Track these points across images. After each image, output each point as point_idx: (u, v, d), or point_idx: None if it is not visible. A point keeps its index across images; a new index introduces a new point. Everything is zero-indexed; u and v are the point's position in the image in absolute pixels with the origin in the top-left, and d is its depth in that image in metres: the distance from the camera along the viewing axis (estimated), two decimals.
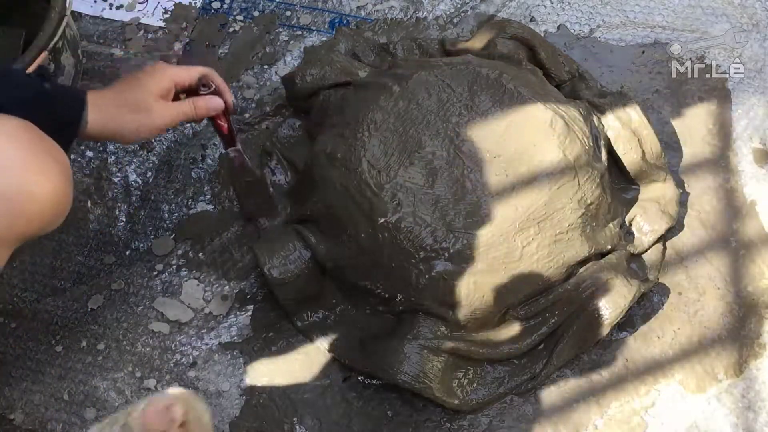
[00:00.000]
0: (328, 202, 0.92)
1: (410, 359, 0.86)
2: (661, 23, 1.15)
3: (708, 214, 1.02)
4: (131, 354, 0.96)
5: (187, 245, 1.02)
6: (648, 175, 0.99)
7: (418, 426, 0.91)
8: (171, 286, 0.99)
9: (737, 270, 0.98)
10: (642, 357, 0.93)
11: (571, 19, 1.17)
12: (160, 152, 1.08)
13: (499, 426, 0.90)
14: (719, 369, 0.93)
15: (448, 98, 0.95)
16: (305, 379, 0.93)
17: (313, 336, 0.95)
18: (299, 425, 0.91)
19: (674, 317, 0.96)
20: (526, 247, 0.88)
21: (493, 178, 0.90)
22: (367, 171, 0.89)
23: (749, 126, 1.07)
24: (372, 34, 1.16)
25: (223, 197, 1.04)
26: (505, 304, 0.90)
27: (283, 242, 0.92)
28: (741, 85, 1.10)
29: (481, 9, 1.18)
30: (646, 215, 0.97)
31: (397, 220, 0.87)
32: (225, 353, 0.95)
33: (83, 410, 0.93)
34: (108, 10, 1.19)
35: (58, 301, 0.98)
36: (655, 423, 0.90)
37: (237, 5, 1.20)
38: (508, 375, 0.92)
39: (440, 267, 0.86)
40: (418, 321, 0.89)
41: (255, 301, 0.98)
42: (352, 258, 0.90)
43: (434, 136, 0.92)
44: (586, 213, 0.91)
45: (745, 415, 0.91)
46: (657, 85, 1.11)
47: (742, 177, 1.04)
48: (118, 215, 1.04)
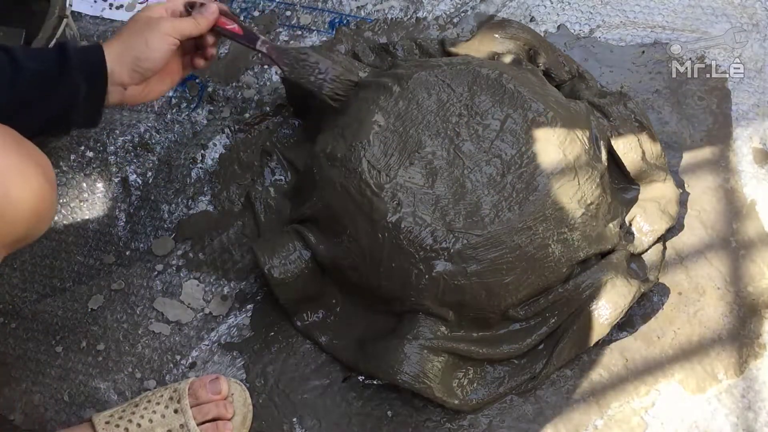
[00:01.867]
0: (328, 202, 0.92)
1: (410, 359, 0.86)
2: (661, 23, 1.15)
3: (708, 214, 1.02)
4: (131, 355, 0.96)
5: (187, 245, 1.02)
6: (648, 175, 0.99)
7: (418, 426, 0.91)
8: (171, 287, 0.99)
9: (737, 270, 0.98)
10: (642, 357, 0.94)
11: (571, 19, 1.17)
12: (160, 152, 1.08)
13: (499, 426, 0.90)
14: (719, 369, 0.93)
15: (448, 98, 0.95)
16: (305, 379, 0.93)
17: (313, 336, 0.95)
18: (299, 425, 0.91)
19: (674, 317, 0.96)
20: (526, 247, 0.88)
21: (493, 179, 0.90)
22: (367, 171, 0.89)
23: (749, 126, 1.07)
24: (372, 34, 1.16)
25: (223, 197, 1.05)
26: (505, 304, 0.90)
27: (283, 242, 0.92)
28: (741, 85, 1.10)
29: (481, 9, 1.18)
30: (646, 215, 0.97)
31: (397, 220, 0.87)
32: (225, 353, 0.95)
33: (83, 411, 0.93)
34: (108, 10, 1.19)
35: (58, 301, 0.98)
36: (655, 423, 0.90)
37: (237, 5, 1.20)
38: (508, 375, 0.92)
39: (440, 267, 0.87)
40: (418, 321, 0.89)
41: (255, 301, 0.98)
42: (352, 258, 0.90)
43: (434, 136, 0.93)
44: (586, 213, 0.91)
45: (745, 415, 0.91)
46: (657, 85, 1.11)
47: (742, 177, 1.04)
48: (118, 215, 1.04)
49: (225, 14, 0.88)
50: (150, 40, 0.80)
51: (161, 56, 0.81)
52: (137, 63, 0.80)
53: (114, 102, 0.81)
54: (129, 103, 0.83)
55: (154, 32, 0.80)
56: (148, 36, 0.80)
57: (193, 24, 0.84)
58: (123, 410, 0.85)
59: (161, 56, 0.81)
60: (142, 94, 0.84)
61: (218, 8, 0.87)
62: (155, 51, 0.80)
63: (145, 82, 0.83)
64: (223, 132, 1.09)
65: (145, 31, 0.80)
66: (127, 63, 0.79)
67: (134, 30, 0.81)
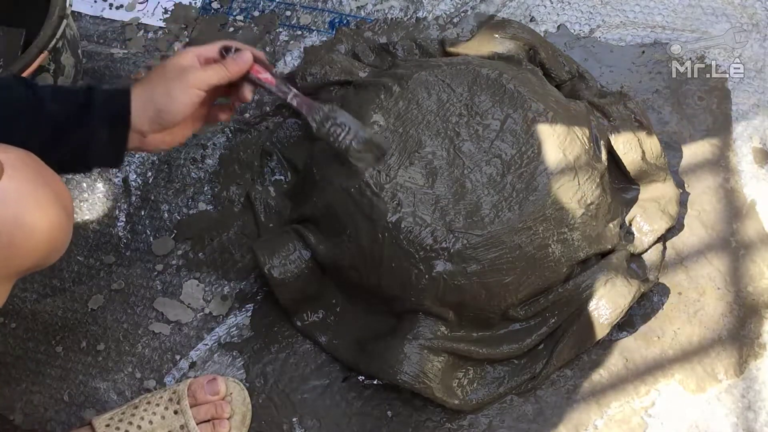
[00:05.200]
0: (328, 202, 0.92)
1: (410, 359, 0.86)
2: (661, 23, 1.15)
3: (708, 214, 1.02)
4: (131, 355, 0.96)
5: (187, 245, 1.02)
6: (648, 175, 0.99)
7: (418, 426, 0.91)
8: (171, 287, 0.99)
9: (737, 270, 0.98)
10: (642, 357, 0.94)
11: (571, 19, 1.17)
12: (160, 152, 1.08)
13: (499, 426, 0.90)
14: (719, 369, 0.93)
15: (448, 98, 0.95)
16: (305, 379, 0.93)
17: (313, 336, 0.95)
18: (299, 425, 0.91)
19: (674, 317, 0.96)
20: (526, 247, 0.88)
21: (493, 179, 0.90)
22: (367, 171, 0.89)
23: (749, 126, 1.07)
24: (372, 34, 1.16)
25: (223, 197, 1.05)
26: (505, 304, 0.90)
27: (283, 242, 0.92)
28: (741, 85, 1.10)
29: (481, 9, 1.18)
30: (646, 215, 0.97)
31: (397, 220, 0.87)
32: (225, 353, 0.95)
33: (83, 411, 0.93)
34: (108, 10, 1.19)
35: (58, 301, 0.98)
36: (655, 423, 0.90)
37: (237, 5, 1.20)
38: (508, 375, 0.92)
39: (440, 267, 0.87)
40: (418, 321, 0.89)
41: (255, 301, 0.98)
42: (352, 258, 0.90)
43: (434, 136, 0.93)
44: (586, 213, 0.91)
45: (745, 415, 0.91)
46: (657, 85, 1.11)
47: (742, 177, 1.04)
48: (118, 215, 1.04)
49: (260, 62, 0.84)
50: (174, 91, 0.77)
51: (184, 109, 0.77)
52: (159, 115, 0.77)
53: (132, 147, 0.78)
54: (148, 150, 0.81)
55: (179, 83, 0.77)
56: (173, 87, 0.77)
57: (223, 72, 0.79)
58: (123, 412, 0.85)
59: (184, 109, 0.77)
60: (164, 141, 0.81)
61: (253, 55, 0.82)
62: (179, 104, 0.77)
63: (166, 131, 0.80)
64: (223, 132, 1.09)
65: (170, 82, 0.77)
66: (149, 114, 0.76)
67: (161, 78, 0.78)
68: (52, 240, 0.65)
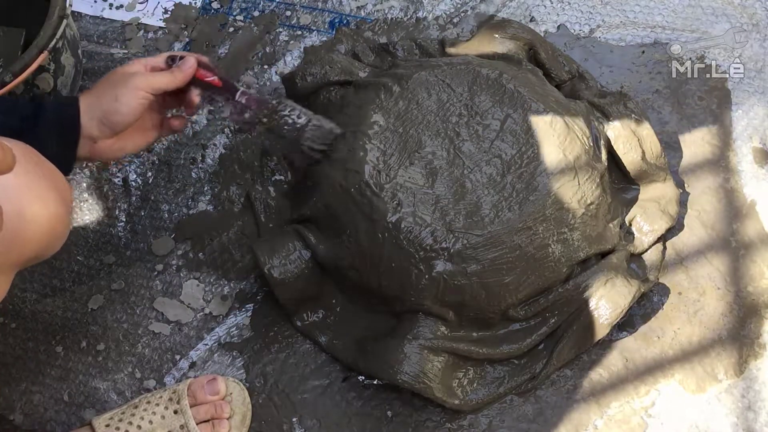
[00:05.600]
0: (328, 202, 0.92)
1: (410, 359, 0.86)
2: (661, 23, 1.15)
3: (708, 214, 1.02)
4: (131, 355, 0.96)
5: (187, 245, 1.02)
6: (648, 175, 0.99)
7: (418, 426, 0.91)
8: (171, 287, 0.99)
9: (737, 270, 0.98)
10: (642, 357, 0.94)
11: (571, 19, 1.17)
12: (160, 152, 1.08)
13: (499, 426, 0.90)
14: (719, 369, 0.93)
15: (448, 98, 0.95)
16: (305, 379, 0.93)
17: (313, 336, 0.95)
18: (299, 425, 0.91)
19: (674, 317, 0.96)
20: (526, 247, 0.88)
21: (493, 179, 0.90)
22: (367, 171, 0.89)
23: (749, 126, 1.07)
24: (372, 34, 1.16)
25: (223, 197, 1.05)
26: (505, 304, 0.90)
27: (283, 242, 0.92)
28: (741, 85, 1.10)
29: (481, 9, 1.18)
30: (646, 215, 0.97)
31: (397, 220, 0.87)
32: (225, 353, 0.95)
33: (83, 411, 0.93)
34: (108, 10, 1.19)
35: (58, 301, 0.98)
36: (655, 423, 0.90)
37: (237, 5, 1.20)
38: (508, 375, 0.92)
39: (440, 267, 0.87)
40: (418, 321, 0.89)
41: (255, 301, 0.98)
42: (352, 258, 0.90)
43: (434, 136, 0.93)
44: (586, 213, 0.91)
45: (745, 415, 0.91)
46: (657, 85, 1.11)
47: (742, 177, 1.04)
48: (118, 215, 1.04)
49: (205, 66, 0.86)
50: (120, 94, 0.78)
51: (130, 111, 0.79)
52: (105, 116, 0.78)
53: (82, 155, 0.79)
54: (98, 157, 0.81)
55: (125, 87, 0.79)
56: (119, 90, 0.79)
57: (169, 77, 0.82)
58: (122, 412, 0.85)
59: (130, 111, 0.79)
60: (113, 149, 0.82)
61: (197, 60, 0.85)
62: (124, 105, 0.78)
63: (116, 137, 0.81)
64: (223, 132, 1.09)
65: (117, 86, 0.79)
66: (96, 116, 0.78)
67: (108, 84, 0.80)
68: (51, 231, 0.67)
